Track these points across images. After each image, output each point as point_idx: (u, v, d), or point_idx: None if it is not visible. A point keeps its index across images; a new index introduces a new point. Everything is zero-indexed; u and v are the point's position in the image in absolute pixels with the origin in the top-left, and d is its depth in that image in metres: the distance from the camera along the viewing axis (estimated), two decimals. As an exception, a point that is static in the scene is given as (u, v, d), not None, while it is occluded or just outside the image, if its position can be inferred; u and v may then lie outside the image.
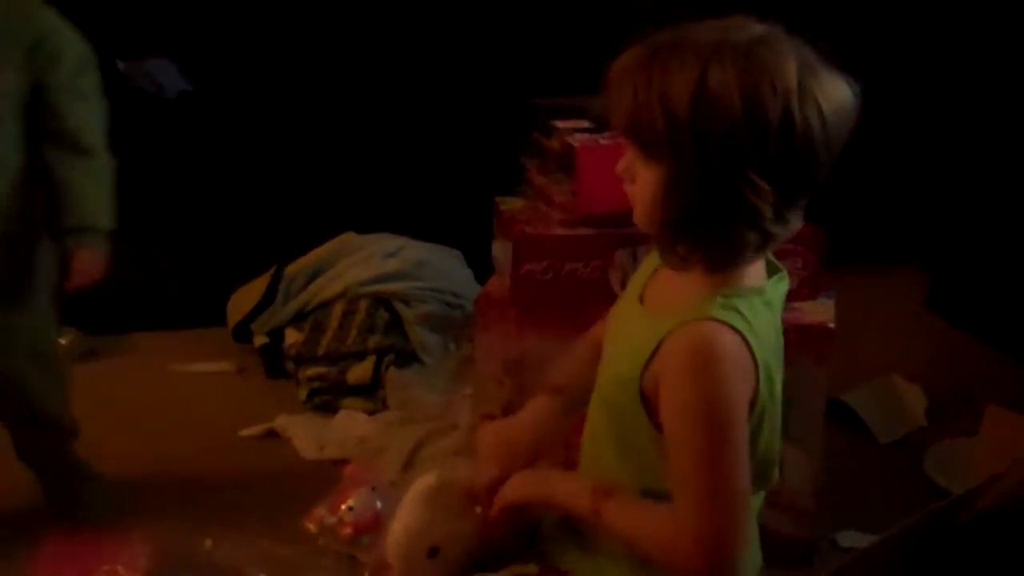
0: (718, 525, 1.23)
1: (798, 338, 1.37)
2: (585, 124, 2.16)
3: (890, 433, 2.62)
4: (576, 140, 2.09)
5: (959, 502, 1.15)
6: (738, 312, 1.26)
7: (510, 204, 2.22)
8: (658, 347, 1.26)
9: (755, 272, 1.30)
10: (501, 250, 2.20)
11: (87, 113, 2.06)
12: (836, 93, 1.22)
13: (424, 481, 1.49)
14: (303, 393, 2.74)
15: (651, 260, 1.42)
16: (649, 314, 1.34)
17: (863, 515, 2.23)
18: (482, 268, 2.44)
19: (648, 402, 1.28)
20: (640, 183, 1.26)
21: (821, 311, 2.04)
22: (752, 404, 1.26)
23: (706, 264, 1.27)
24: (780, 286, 1.35)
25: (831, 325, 2.02)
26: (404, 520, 1.47)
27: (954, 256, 3.30)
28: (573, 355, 1.56)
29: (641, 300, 1.38)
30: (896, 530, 1.17)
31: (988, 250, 3.17)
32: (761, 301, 1.30)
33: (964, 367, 2.95)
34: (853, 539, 2.18)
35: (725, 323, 1.24)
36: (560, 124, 2.17)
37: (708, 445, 1.23)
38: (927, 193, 3.38)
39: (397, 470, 2.40)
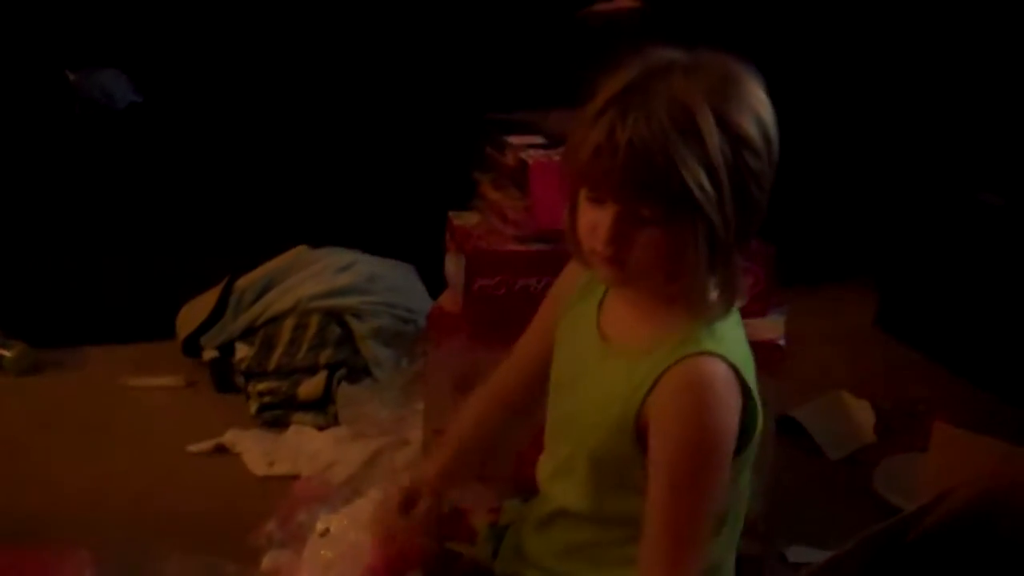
0: (690, 554, 1.25)
1: (749, 355, 1.38)
2: (539, 140, 2.16)
3: (839, 449, 2.63)
4: (529, 156, 2.09)
5: (909, 519, 1.16)
6: (724, 339, 1.26)
7: (463, 219, 2.22)
8: (653, 385, 1.24)
9: None
10: (454, 265, 2.20)
11: None
12: None
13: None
14: (253, 408, 2.72)
15: (590, 294, 1.40)
16: (619, 353, 1.32)
17: (812, 531, 2.24)
18: (435, 283, 2.43)
19: (643, 439, 1.26)
20: (647, 245, 1.22)
21: (772, 328, 2.05)
22: (741, 434, 1.26)
23: (726, 302, 1.26)
24: None
25: (781, 342, 2.03)
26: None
27: (904, 275, 3.33)
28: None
29: (600, 336, 1.36)
30: (848, 546, 1.18)
31: (937, 270, 3.20)
32: (735, 319, 1.31)
33: (912, 384, 2.98)
34: (802, 555, 2.19)
35: (719, 356, 1.24)
36: (513, 140, 2.18)
37: (695, 477, 1.23)
38: (878, 212, 3.42)
39: (347, 485, 2.38)
